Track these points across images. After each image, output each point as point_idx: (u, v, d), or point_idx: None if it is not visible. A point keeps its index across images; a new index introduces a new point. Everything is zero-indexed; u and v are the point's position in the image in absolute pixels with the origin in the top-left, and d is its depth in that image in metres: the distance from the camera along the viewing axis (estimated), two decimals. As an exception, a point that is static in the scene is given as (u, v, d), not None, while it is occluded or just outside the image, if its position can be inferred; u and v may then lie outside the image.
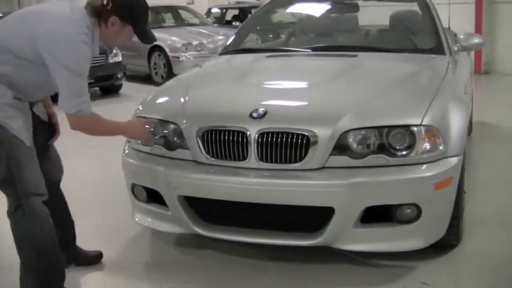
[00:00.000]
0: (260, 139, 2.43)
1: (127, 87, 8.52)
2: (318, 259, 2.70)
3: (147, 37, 2.34)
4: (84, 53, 2.16)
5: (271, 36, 4.82)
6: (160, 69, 9.10)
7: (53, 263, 2.30)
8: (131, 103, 7.35)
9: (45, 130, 2.49)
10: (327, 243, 2.47)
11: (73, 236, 2.72)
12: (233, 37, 4.06)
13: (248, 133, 2.44)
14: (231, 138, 2.47)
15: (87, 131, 2.34)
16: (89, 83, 2.29)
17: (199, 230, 2.60)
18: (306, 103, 2.69)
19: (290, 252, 2.73)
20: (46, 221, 2.27)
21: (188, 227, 2.61)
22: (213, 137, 2.51)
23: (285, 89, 2.99)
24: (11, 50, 2.18)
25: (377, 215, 2.43)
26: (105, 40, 2.33)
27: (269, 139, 2.42)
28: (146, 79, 9.38)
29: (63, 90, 2.17)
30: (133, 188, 2.80)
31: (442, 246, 2.66)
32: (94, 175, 4.22)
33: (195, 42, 8.77)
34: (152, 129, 2.67)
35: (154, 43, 10.47)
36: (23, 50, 2.18)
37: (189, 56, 8.69)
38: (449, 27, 4.50)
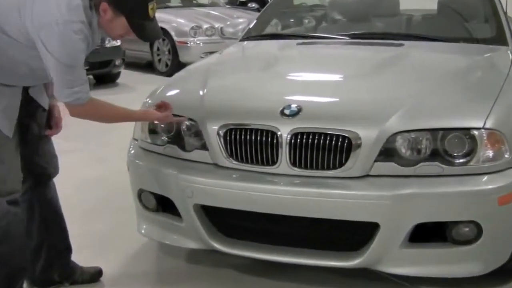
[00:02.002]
0: (293, 141, 2.41)
1: (126, 76, 8.55)
2: (356, 284, 2.67)
3: (145, 34, 2.29)
4: (78, 45, 2.16)
5: (298, 20, 4.80)
6: (164, 56, 9.12)
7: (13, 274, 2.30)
8: (130, 94, 7.44)
9: (43, 117, 2.49)
10: (368, 265, 2.45)
11: (66, 248, 2.69)
12: (255, 21, 4.07)
13: (279, 133, 2.43)
14: (258, 138, 2.46)
15: (88, 118, 2.35)
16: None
17: (217, 246, 2.58)
18: (347, 99, 2.68)
19: (322, 275, 2.71)
20: (14, 225, 2.26)
21: (205, 242, 2.60)
22: (237, 137, 2.50)
23: (322, 82, 2.98)
24: None
25: (429, 234, 2.40)
26: (103, 30, 2.31)
27: (304, 140, 2.40)
28: (148, 67, 9.42)
29: (55, 79, 2.20)
30: (140, 194, 2.80)
31: (505, 273, 2.61)
32: (87, 176, 4.24)
33: (205, 26, 8.77)
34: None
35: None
36: (8, 21, 2.16)
37: (198, 42, 8.70)
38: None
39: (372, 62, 3.16)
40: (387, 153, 2.38)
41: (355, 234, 2.44)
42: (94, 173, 4.29)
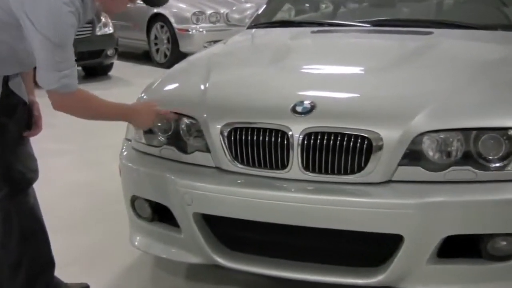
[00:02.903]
0: (305, 142, 2.41)
1: (119, 68, 8.60)
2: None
3: None
4: (68, 19, 2.16)
5: (313, 5, 4.80)
6: (162, 45, 9.17)
7: None
8: (124, 88, 7.47)
9: (23, 114, 2.45)
10: (391, 283, 2.44)
11: (49, 262, 2.66)
12: (265, 6, 4.08)
13: (290, 133, 2.43)
14: (266, 139, 2.46)
15: (73, 112, 2.34)
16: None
17: (220, 260, 2.59)
18: (367, 94, 2.67)
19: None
20: None
21: (206, 256, 2.61)
22: (243, 137, 2.50)
23: (339, 76, 2.98)
24: None
25: (460, 248, 2.40)
26: (99, 6, 2.31)
27: (318, 141, 2.40)
28: (144, 57, 9.46)
29: (40, 61, 2.19)
30: (134, 201, 2.81)
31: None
32: (75, 181, 4.27)
33: (209, 11, 8.82)
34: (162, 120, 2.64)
35: (156, 10, 10.61)
36: None
37: (200, 29, 8.75)
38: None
39: (397, 53, 3.15)
40: (413, 156, 2.38)
41: (376, 247, 2.44)
42: (84, 178, 4.32)
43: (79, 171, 4.49)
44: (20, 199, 2.49)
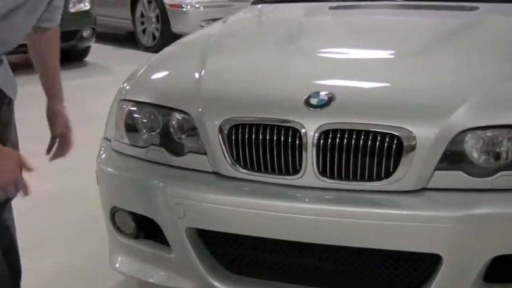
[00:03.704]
0: (321, 141, 2.41)
1: (98, 52, 8.63)
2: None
3: None
4: None
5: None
6: (150, 24, 9.20)
7: None
8: (103, 77, 7.47)
9: (8, 114, 2.43)
10: (427, 314, 2.45)
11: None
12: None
13: (303, 130, 2.43)
14: (275, 138, 2.47)
15: None
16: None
17: (219, 285, 2.59)
18: (397, 84, 2.68)
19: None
20: None
21: (202, 280, 2.61)
22: (246, 136, 2.51)
23: (363, 61, 2.99)
24: None
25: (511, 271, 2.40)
26: None
27: (337, 140, 2.41)
28: (128, 40, 9.48)
29: None
30: (114, 214, 2.82)
31: None
32: (48, 190, 4.28)
33: (206, -17, 8.84)
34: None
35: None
36: None
37: (197, 5, 8.78)
38: None
39: (434, 33, 3.15)
40: (453, 158, 2.38)
41: (409, 270, 2.44)
42: (59, 186, 4.34)
43: (53, 177, 4.49)
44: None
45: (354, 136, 2.40)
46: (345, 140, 2.40)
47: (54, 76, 2.58)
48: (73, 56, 8.28)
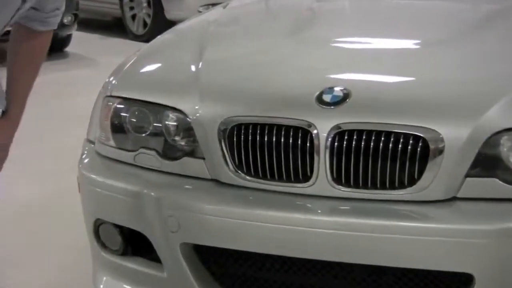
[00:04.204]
0: (336, 143, 2.41)
1: (81, 41, 8.67)
2: None
3: None
4: None
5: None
6: (140, 9, 9.24)
7: None
8: (87, 70, 7.52)
9: None
10: None
11: None
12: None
13: (315, 131, 2.43)
14: (282, 140, 2.46)
15: None
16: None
17: (218, 309, 2.61)
18: (422, 78, 2.68)
19: None
20: None
21: (198, 303, 2.63)
22: (249, 138, 2.51)
23: (383, 53, 3.00)
24: None
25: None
26: None
27: (353, 143, 2.40)
28: (115, 27, 9.50)
29: None
30: (98, 227, 2.82)
31: None
32: (24, 198, 4.30)
33: (204, -37, 8.84)
34: None
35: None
36: None
37: (194, -13, 8.78)
38: None
39: (464, 19, 3.18)
40: (486, 163, 2.38)
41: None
42: (36, 194, 4.35)
43: (30, 184, 4.51)
44: None
45: (373, 138, 2.39)
46: (362, 143, 2.40)
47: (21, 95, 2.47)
48: (52, 45, 8.25)
